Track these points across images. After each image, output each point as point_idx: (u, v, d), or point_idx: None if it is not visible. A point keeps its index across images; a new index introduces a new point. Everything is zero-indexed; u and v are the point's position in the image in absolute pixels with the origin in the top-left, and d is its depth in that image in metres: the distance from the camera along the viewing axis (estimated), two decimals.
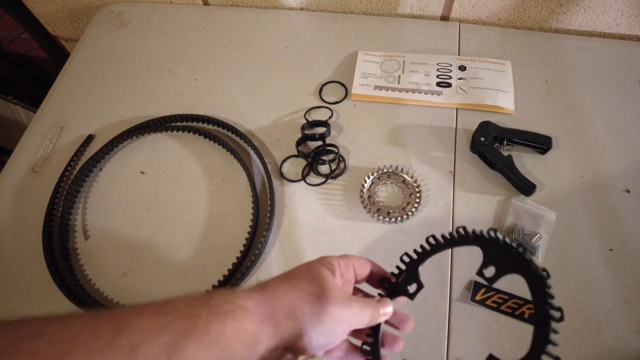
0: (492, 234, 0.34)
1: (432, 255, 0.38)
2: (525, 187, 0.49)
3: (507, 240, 0.34)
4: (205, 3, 0.75)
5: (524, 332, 0.43)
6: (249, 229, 0.50)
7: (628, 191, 0.51)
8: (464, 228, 0.36)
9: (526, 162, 0.53)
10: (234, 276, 0.47)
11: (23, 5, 0.83)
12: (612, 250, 0.47)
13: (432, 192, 0.52)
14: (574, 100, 0.58)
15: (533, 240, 0.47)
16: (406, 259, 0.38)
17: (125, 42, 0.70)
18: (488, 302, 0.45)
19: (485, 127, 0.53)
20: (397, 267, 0.37)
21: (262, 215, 0.51)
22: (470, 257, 0.48)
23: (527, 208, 0.49)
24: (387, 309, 0.31)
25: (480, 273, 0.34)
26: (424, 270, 0.37)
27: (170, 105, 0.62)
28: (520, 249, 0.33)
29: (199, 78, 0.65)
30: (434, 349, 0.43)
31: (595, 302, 0.44)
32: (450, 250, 0.48)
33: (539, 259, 0.47)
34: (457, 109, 0.58)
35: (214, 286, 0.47)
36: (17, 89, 1.17)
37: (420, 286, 0.37)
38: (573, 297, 0.45)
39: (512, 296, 0.45)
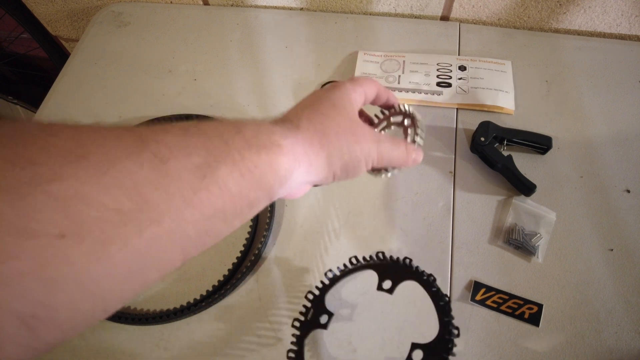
0: (380, 256, 0.42)
1: (332, 287, 0.44)
2: (526, 187, 0.49)
3: (393, 257, 0.42)
4: (205, 3, 0.75)
5: (524, 332, 0.43)
6: (249, 229, 0.50)
7: (628, 191, 0.51)
8: (356, 257, 0.43)
9: (526, 162, 0.53)
10: (234, 276, 0.47)
11: (23, 5, 0.83)
12: (612, 250, 0.47)
13: (432, 192, 0.52)
14: (574, 100, 0.58)
15: (533, 240, 0.47)
16: (310, 297, 0.43)
17: (125, 42, 0.70)
18: (488, 302, 0.45)
19: (485, 127, 0.53)
20: (304, 306, 0.42)
21: (262, 215, 0.51)
22: (470, 257, 0.48)
23: (527, 208, 0.49)
24: (419, 157, 0.31)
25: (380, 288, 0.41)
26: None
27: (170, 105, 0.62)
28: (407, 261, 0.40)
29: (199, 78, 0.65)
30: None
31: (595, 302, 0.44)
32: (450, 250, 0.48)
33: (539, 259, 0.47)
34: (457, 109, 0.58)
35: (214, 286, 0.47)
36: (17, 89, 1.17)
37: (330, 315, 0.42)
38: (573, 297, 0.45)
39: (512, 296, 0.45)
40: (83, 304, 0.16)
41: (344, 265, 0.44)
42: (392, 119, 0.34)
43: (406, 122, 0.33)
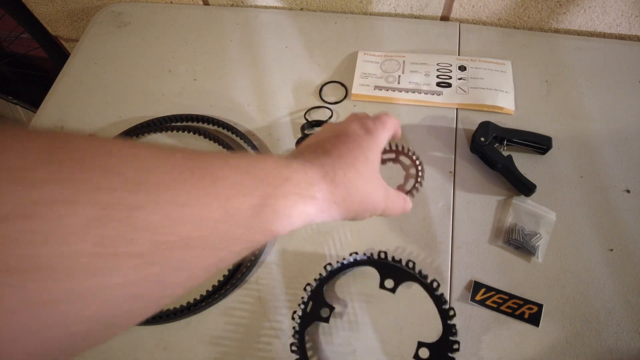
0: (382, 255, 0.43)
1: (331, 279, 0.45)
2: (526, 187, 0.49)
3: (395, 258, 0.43)
4: (205, 3, 0.75)
5: (524, 332, 0.43)
6: None
7: (628, 191, 0.51)
8: (356, 252, 0.45)
9: (526, 162, 0.53)
10: (234, 276, 0.47)
11: (23, 5, 0.83)
12: (612, 250, 0.47)
13: (432, 192, 0.52)
14: (574, 100, 0.58)
15: (533, 240, 0.47)
16: (309, 288, 0.44)
17: (125, 42, 0.70)
18: (488, 302, 0.45)
19: (485, 127, 0.53)
20: (302, 298, 0.43)
21: None
22: (470, 257, 0.48)
23: (527, 208, 0.49)
24: (409, 207, 0.34)
25: (382, 286, 0.43)
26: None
27: (170, 105, 0.62)
28: (410, 265, 0.43)
29: (199, 78, 0.65)
30: None
31: (595, 302, 0.44)
32: (450, 250, 0.48)
33: (539, 259, 0.47)
34: (457, 109, 0.58)
35: (213, 286, 0.47)
36: (17, 89, 1.17)
37: (331, 309, 0.43)
38: (573, 297, 0.45)
39: (512, 296, 0.45)
40: (137, 317, 0.18)
41: (343, 258, 0.44)
42: (401, 158, 0.35)
43: (412, 171, 0.35)
